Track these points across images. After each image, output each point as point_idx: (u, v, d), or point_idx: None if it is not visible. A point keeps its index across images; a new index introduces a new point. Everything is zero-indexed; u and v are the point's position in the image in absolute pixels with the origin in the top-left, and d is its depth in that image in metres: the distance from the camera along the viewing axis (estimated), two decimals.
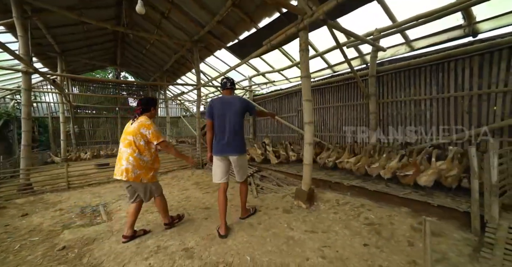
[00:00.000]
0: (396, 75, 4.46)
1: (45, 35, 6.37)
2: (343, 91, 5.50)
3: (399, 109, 4.45)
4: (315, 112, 6.27)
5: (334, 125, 5.73)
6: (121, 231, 2.73)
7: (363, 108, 5.05)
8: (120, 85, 12.43)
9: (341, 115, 5.55)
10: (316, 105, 6.21)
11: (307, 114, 2.99)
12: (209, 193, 4.10)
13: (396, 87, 4.49)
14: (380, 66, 4.57)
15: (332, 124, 5.80)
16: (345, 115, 5.45)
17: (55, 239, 2.61)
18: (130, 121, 2.46)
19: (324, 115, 6.00)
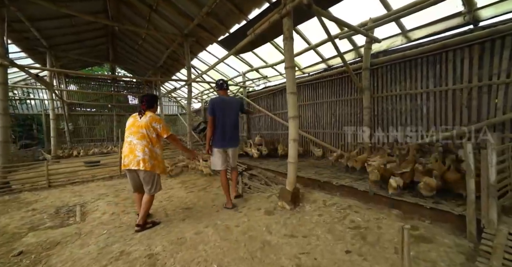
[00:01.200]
0: (391, 68, 4.20)
1: (29, 29, 6.17)
2: (336, 85, 5.25)
3: (394, 104, 4.20)
4: (308, 108, 6.03)
5: (328, 122, 5.49)
6: (90, 233, 2.56)
7: (357, 103, 4.80)
8: (117, 83, 12.26)
9: (335, 111, 5.31)
10: (309, 100, 5.96)
11: (291, 108, 2.77)
12: (193, 193, 3.91)
13: (391, 80, 4.23)
14: (374, 58, 4.32)
15: (326, 120, 5.56)
16: (339, 111, 5.21)
17: (16, 243, 2.43)
18: (136, 116, 2.60)
19: (317, 111, 5.76)
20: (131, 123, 2.59)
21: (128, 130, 2.58)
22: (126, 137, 2.57)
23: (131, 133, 2.54)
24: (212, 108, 2.96)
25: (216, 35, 6.17)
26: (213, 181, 4.60)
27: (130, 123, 2.60)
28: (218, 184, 4.34)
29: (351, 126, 4.91)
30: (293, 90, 2.74)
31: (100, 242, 2.31)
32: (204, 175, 5.02)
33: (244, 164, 5.14)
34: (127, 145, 2.54)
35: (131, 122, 2.60)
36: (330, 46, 4.91)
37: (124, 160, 2.54)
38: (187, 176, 5.14)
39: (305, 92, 6.10)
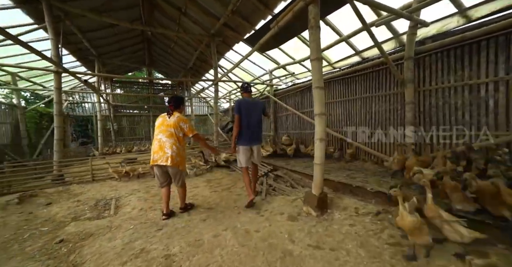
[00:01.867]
0: (443, 55, 3.56)
1: (82, 40, 6.96)
2: (372, 79, 4.72)
3: (447, 98, 3.55)
4: (339, 106, 5.56)
5: (362, 120, 4.97)
6: (119, 227, 2.69)
7: (397, 98, 4.23)
8: (153, 85, 13.24)
9: (370, 108, 4.77)
10: (340, 97, 5.50)
11: (317, 104, 2.50)
12: (217, 192, 3.89)
13: (442, 70, 3.59)
14: (420, 46, 3.72)
15: (359, 118, 5.04)
16: (375, 108, 4.66)
17: (60, 231, 2.68)
18: (165, 116, 2.79)
19: (349, 109, 5.27)
20: (160, 122, 2.78)
21: (158, 128, 2.76)
22: (156, 135, 2.75)
23: (160, 131, 2.72)
24: (239, 108, 3.12)
25: (242, 33, 6.11)
26: (238, 181, 4.53)
27: (160, 122, 2.78)
28: (242, 184, 4.25)
29: (389, 124, 4.34)
30: (320, 85, 2.47)
31: (125, 237, 2.39)
32: (229, 174, 5.00)
33: (270, 165, 4.97)
34: (157, 142, 2.72)
35: (161, 121, 2.78)
36: (364, 36, 4.43)
37: (153, 156, 2.70)
38: (213, 175, 5.18)
39: (336, 89, 5.65)
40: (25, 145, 7.67)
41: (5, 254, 2.26)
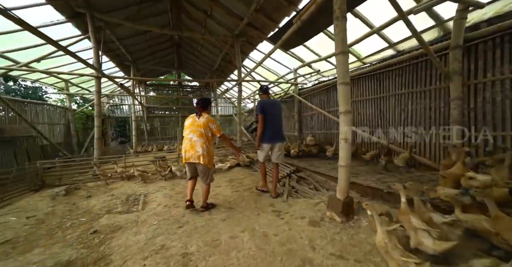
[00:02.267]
0: (503, 41, 3.02)
1: (119, 47, 7.60)
2: (408, 74, 4.25)
3: (508, 92, 3.00)
4: (369, 104, 5.14)
5: (396, 119, 4.52)
6: (144, 222, 2.82)
7: (439, 94, 3.73)
8: (182, 88, 13.92)
9: (405, 105, 4.30)
10: (371, 94, 5.08)
11: (343, 101, 2.30)
12: (238, 192, 3.87)
13: (502, 58, 3.05)
14: (471, 32, 3.22)
15: (392, 117, 4.59)
16: (412, 105, 4.19)
17: (95, 222, 2.91)
18: (194, 116, 2.95)
19: (381, 107, 4.83)
20: (190, 122, 2.94)
21: (189, 128, 2.91)
22: (187, 135, 2.90)
23: (191, 131, 2.88)
24: (262, 108, 3.28)
25: (266, 32, 6.03)
26: (259, 181, 4.46)
27: (190, 123, 2.94)
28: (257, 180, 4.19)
29: (430, 123, 3.86)
30: (345, 80, 2.27)
31: (149, 233, 2.50)
32: (251, 174, 4.96)
33: (293, 166, 4.81)
34: (188, 141, 2.87)
35: (191, 122, 2.94)
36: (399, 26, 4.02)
37: (185, 154, 2.87)
38: (235, 175, 5.20)
39: (366, 85, 5.24)
40: (74, 143, 8.68)
41: (50, 239, 2.52)
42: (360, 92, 5.38)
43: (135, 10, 5.81)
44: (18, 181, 4.57)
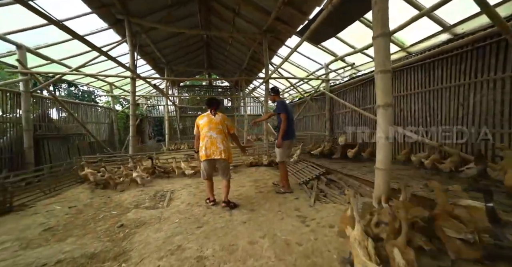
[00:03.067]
0: None
1: (154, 50, 8.07)
2: (471, 60, 3.53)
3: None
4: (415, 98, 4.46)
5: (451, 115, 3.81)
6: (166, 219, 2.82)
7: None
8: (212, 88, 14.34)
9: (466, 99, 3.58)
10: (418, 88, 4.40)
11: (382, 93, 1.94)
12: (262, 193, 3.69)
13: None
14: None
15: (446, 113, 3.88)
16: (475, 99, 3.46)
17: (123, 216, 3.02)
18: (209, 115, 3.05)
19: (431, 102, 4.13)
20: (207, 120, 3.00)
21: (207, 126, 2.97)
22: (206, 132, 2.95)
23: (210, 129, 2.95)
24: (286, 107, 3.44)
25: (295, 25, 5.73)
26: None
27: (207, 121, 3.00)
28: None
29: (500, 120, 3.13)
30: (385, 68, 1.89)
31: (169, 231, 2.47)
32: (277, 175, 4.72)
33: (323, 167, 4.43)
34: (208, 139, 2.94)
35: (208, 120, 3.00)
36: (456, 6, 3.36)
37: (206, 151, 2.92)
38: (261, 175, 5.03)
39: (410, 78, 4.57)
40: (116, 141, 9.54)
41: (84, 230, 2.67)
42: (403, 86, 4.71)
43: (167, 13, 6.05)
44: (68, 173, 5.13)
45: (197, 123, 3.09)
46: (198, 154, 3.11)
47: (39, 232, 2.61)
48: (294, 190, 3.66)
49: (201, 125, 3.02)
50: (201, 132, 3.02)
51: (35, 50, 5.32)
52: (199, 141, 3.08)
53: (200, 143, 3.03)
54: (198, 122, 3.07)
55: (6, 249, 2.27)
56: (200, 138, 3.02)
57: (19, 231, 2.66)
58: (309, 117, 9.29)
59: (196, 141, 3.16)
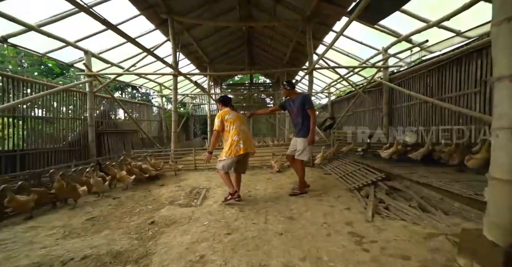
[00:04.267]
0: None
1: (197, 50, 8.29)
2: None
3: None
4: None
5: None
6: (196, 220, 2.59)
7: None
8: (253, 86, 14.23)
9: None
10: None
11: (504, 56, 1.18)
12: (303, 198, 3.16)
13: None
14: None
15: None
16: None
17: (156, 212, 2.93)
18: (231, 111, 3.07)
19: None
20: (235, 115, 3.02)
21: (239, 120, 3.00)
22: (239, 127, 2.95)
23: (242, 123, 3.02)
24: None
25: (345, 4, 4.91)
26: (332, 187, 3.56)
27: (235, 116, 3.02)
28: (337, 192, 3.29)
29: None
30: (509, 14, 1.14)
31: (196, 234, 2.20)
32: (322, 178, 4.09)
33: (381, 171, 3.59)
34: (242, 133, 2.95)
35: (236, 115, 3.03)
36: None
37: (244, 144, 2.89)
38: None
39: None
40: (164, 137, 10.27)
41: (119, 223, 2.64)
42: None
43: (207, 9, 6.03)
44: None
45: (223, 117, 2.97)
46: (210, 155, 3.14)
47: (82, 221, 2.69)
48: (342, 196, 3.03)
49: (231, 120, 2.97)
50: (230, 127, 2.96)
51: (98, 54, 5.98)
52: (218, 138, 3.11)
53: (231, 138, 2.94)
54: (225, 117, 2.97)
55: (52, 235, 2.36)
56: (232, 133, 2.93)
57: (68, 218, 2.81)
58: (360, 113, 8.12)
59: (216, 138, 3.10)
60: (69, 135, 5.66)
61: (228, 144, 2.94)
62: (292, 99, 3.21)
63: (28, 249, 2.04)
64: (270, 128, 13.28)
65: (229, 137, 2.95)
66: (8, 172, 3.99)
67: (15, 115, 4.57)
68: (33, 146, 4.82)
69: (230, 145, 2.91)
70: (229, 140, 2.94)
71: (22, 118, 4.71)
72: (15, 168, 4.26)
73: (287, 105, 3.31)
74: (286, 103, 3.33)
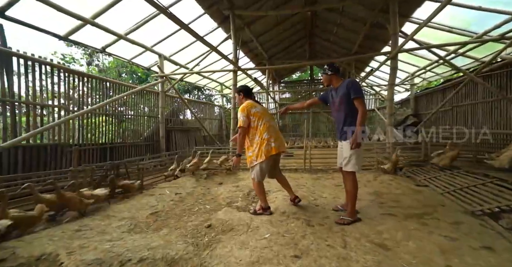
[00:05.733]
0: None
1: (257, 46, 8.12)
2: None
3: None
4: None
5: None
6: (255, 230, 2.22)
7: None
8: (313, 82, 13.24)
9: None
10: None
11: None
12: (392, 217, 2.36)
13: None
14: None
15: None
16: None
17: (214, 214, 2.72)
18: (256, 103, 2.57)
19: None
20: (262, 109, 2.56)
21: (267, 114, 2.53)
22: (268, 121, 2.47)
23: (271, 118, 2.55)
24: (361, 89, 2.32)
25: None
26: (438, 207, 2.59)
27: (262, 109, 2.55)
28: (451, 215, 2.34)
29: None
30: None
31: (256, 251, 1.80)
32: (417, 192, 3.08)
33: None
34: (272, 129, 2.47)
35: (262, 108, 2.57)
36: None
37: (275, 143, 2.41)
38: (384, 186, 3.53)
39: None
40: (224, 135, 10.63)
41: (178, 222, 2.53)
42: None
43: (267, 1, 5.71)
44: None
45: (248, 111, 2.42)
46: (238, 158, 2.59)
47: (146, 215, 2.72)
48: (464, 224, 2.07)
49: (258, 114, 2.44)
50: (258, 122, 2.43)
51: (169, 57, 6.51)
52: (246, 137, 2.50)
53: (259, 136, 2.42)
54: (251, 110, 2.42)
55: (120, 227, 2.40)
56: (261, 130, 2.41)
57: (135, 210, 2.90)
58: (466, 107, 6.12)
59: (242, 137, 2.49)
60: (145, 131, 6.34)
61: (255, 144, 2.43)
62: (336, 87, 2.38)
63: (99, 239, 2.08)
64: (331, 128, 12.05)
65: (256, 135, 2.43)
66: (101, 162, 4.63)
67: (107, 113, 5.36)
68: (119, 140, 5.58)
69: (259, 145, 2.40)
70: (256, 139, 2.43)
71: (112, 116, 5.50)
72: (106, 158, 4.97)
73: (329, 96, 2.47)
74: (328, 93, 2.50)
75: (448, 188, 2.94)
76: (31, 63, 3.86)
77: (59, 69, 4.24)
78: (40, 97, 3.94)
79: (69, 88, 4.31)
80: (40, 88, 3.94)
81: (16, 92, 3.75)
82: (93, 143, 4.70)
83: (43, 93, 4.00)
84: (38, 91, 3.92)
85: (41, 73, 3.97)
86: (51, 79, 4.12)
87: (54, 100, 4.13)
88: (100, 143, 4.99)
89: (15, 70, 3.69)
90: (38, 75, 3.93)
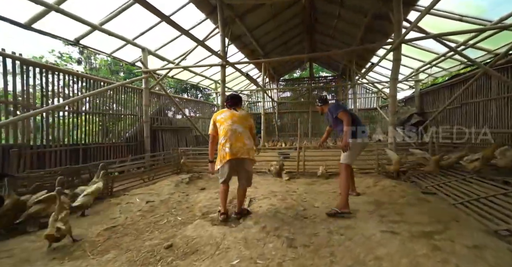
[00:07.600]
0: None
1: (251, 41, 7.64)
2: None
3: None
4: None
5: None
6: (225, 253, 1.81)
7: None
8: (313, 80, 12.75)
9: None
10: None
11: None
12: (393, 236, 1.88)
13: None
14: None
15: None
16: None
17: (182, 228, 2.30)
18: (231, 110, 2.56)
19: None
20: (229, 114, 2.51)
21: (230, 119, 2.47)
22: (229, 125, 2.42)
23: (234, 121, 2.46)
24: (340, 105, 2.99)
25: None
26: (451, 222, 2.11)
27: (229, 115, 2.51)
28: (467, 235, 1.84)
29: None
30: None
31: None
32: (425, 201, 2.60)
33: None
34: (232, 133, 2.39)
35: (230, 114, 2.52)
36: None
37: (231, 149, 2.33)
38: (385, 194, 3.05)
39: None
40: None
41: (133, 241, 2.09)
42: None
43: None
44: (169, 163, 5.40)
45: (214, 119, 2.52)
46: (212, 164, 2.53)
47: (100, 231, 2.28)
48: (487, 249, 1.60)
49: (222, 119, 2.46)
50: (220, 127, 2.45)
51: (154, 52, 6.08)
52: (215, 145, 2.53)
53: (217, 141, 2.47)
54: (216, 118, 2.50)
55: (54, 251, 1.91)
56: (221, 134, 2.42)
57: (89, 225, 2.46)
58: (477, 104, 5.57)
59: (211, 144, 2.56)
60: (128, 131, 5.91)
61: (219, 149, 2.44)
62: (327, 113, 2.98)
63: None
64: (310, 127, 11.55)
65: (219, 140, 2.46)
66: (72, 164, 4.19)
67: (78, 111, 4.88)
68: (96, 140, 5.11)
69: (219, 150, 2.43)
70: (219, 144, 2.45)
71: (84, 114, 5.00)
72: (79, 161, 4.53)
73: (327, 119, 3.11)
74: (326, 118, 3.16)
75: (462, 198, 2.46)
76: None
77: (13, 60, 3.66)
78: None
79: (27, 84, 3.83)
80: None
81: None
82: (60, 144, 4.25)
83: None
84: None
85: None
86: (4, 72, 3.61)
87: (7, 96, 3.65)
88: (70, 144, 4.52)
89: None
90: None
